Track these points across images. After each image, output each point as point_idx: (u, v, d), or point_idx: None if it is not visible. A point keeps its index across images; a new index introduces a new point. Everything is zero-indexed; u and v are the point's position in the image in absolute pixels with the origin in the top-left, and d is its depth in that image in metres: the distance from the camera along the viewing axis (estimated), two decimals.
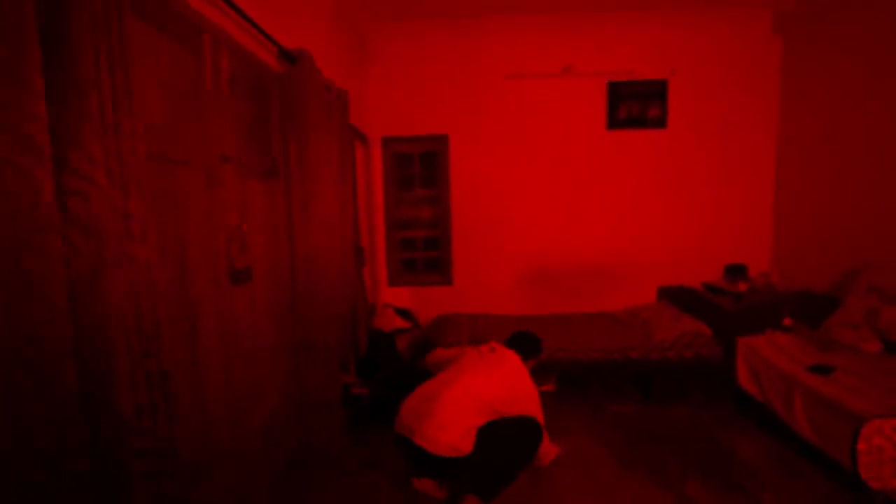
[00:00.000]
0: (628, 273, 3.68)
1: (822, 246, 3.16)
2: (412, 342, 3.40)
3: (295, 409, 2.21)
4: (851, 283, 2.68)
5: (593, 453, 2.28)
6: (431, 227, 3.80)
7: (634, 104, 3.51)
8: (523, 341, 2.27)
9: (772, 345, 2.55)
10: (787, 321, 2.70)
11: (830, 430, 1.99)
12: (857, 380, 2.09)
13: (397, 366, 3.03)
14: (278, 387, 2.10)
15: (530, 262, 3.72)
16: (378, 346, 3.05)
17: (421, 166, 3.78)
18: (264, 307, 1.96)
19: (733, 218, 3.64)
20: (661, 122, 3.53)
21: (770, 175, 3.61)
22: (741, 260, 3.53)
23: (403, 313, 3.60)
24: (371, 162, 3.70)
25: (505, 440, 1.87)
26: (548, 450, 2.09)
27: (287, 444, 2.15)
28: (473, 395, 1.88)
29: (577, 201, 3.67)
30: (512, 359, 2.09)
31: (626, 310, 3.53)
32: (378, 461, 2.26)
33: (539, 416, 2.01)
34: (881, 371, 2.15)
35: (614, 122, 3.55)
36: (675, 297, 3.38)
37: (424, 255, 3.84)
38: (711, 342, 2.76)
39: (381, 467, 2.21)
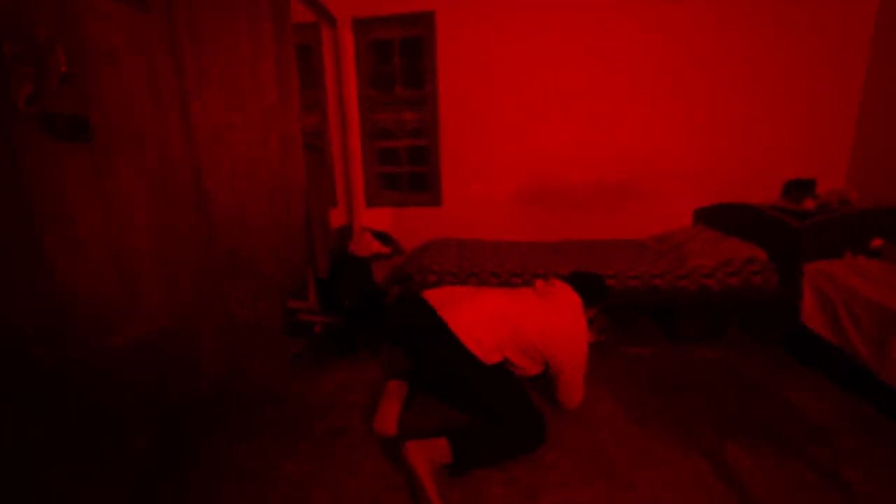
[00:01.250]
0: (658, 190, 2.96)
1: None
2: (393, 271, 2.88)
3: (217, 333, 1.73)
4: None
5: (604, 407, 1.75)
6: (416, 135, 3.12)
7: None
8: (586, 283, 1.77)
9: (855, 271, 1.88)
10: (876, 242, 2.00)
11: None
12: None
13: (367, 293, 2.51)
14: (176, 304, 1.59)
15: (535, 177, 3.03)
16: (344, 271, 2.53)
17: (402, 57, 3.03)
18: (136, 188, 1.39)
19: (798, 120, 2.80)
20: None
21: (860, 60, 2.70)
22: (808, 175, 2.75)
23: (382, 237, 3.04)
24: (342, 52, 2.98)
25: (510, 416, 1.48)
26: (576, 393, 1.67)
27: (210, 374, 1.68)
28: (513, 318, 1.57)
29: (593, 96, 2.89)
30: (572, 300, 1.65)
31: (655, 236, 2.87)
32: (324, 404, 1.79)
33: (583, 368, 1.63)
34: None
35: None
36: (717, 218, 2.68)
37: (409, 170, 3.20)
38: (767, 268, 2.10)
39: (322, 415, 1.73)
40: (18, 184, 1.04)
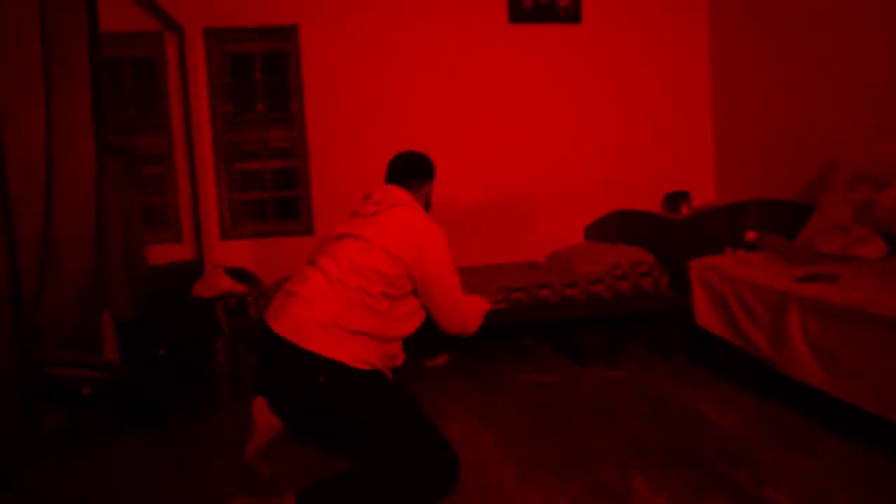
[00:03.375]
0: (550, 210, 2.83)
1: (775, 162, 2.49)
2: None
3: None
4: (826, 181, 1.98)
5: (481, 451, 1.31)
6: (284, 156, 2.73)
7: None
8: (405, 167, 1.44)
9: (737, 263, 1.76)
10: (750, 235, 1.94)
11: (851, 356, 1.18)
12: (877, 281, 1.31)
13: (192, 340, 1.91)
14: None
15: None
16: (159, 314, 1.91)
17: (265, 73, 2.73)
18: None
19: (669, 140, 2.92)
20: (574, 16, 2.76)
21: (706, 85, 2.95)
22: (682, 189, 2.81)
23: (239, 274, 2.48)
24: (191, 65, 2.59)
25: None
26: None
27: None
28: (351, 262, 1.18)
29: (478, 116, 2.79)
30: (401, 213, 1.28)
31: (549, 255, 2.67)
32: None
33: (447, 261, 1.28)
34: None
35: (518, 14, 2.72)
36: (606, 230, 2.56)
37: (275, 195, 2.75)
38: (656, 269, 1.92)
39: None
40: None
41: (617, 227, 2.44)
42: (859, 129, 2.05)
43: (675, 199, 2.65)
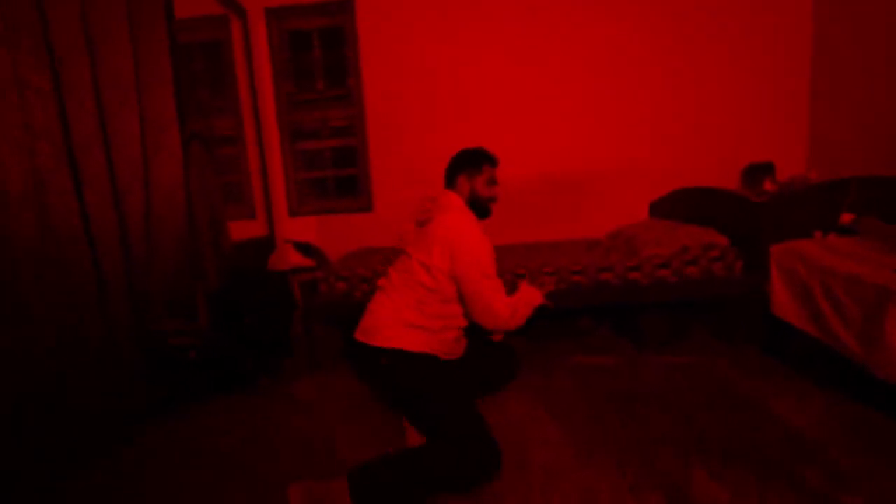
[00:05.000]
0: (612, 187, 2.70)
1: (880, 135, 2.17)
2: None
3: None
4: None
5: (541, 432, 1.37)
6: (343, 134, 2.81)
7: None
8: (449, 168, 1.54)
9: (829, 250, 1.60)
10: (845, 217, 1.75)
11: None
12: None
13: (275, 312, 2.10)
14: None
15: None
16: (245, 286, 2.12)
17: (323, 49, 2.76)
18: None
19: (753, 107, 2.63)
20: None
21: (806, 46, 2.57)
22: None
23: (306, 248, 2.66)
24: (254, 45, 2.69)
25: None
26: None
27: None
28: (402, 273, 1.43)
29: (540, 92, 2.66)
30: (443, 221, 1.39)
31: (609, 234, 2.58)
32: (180, 450, 1.34)
33: (480, 287, 1.36)
34: None
35: None
36: (673, 208, 2.41)
37: (336, 174, 2.86)
38: (729, 253, 1.81)
39: (176, 465, 1.29)
40: None
41: (686, 204, 2.29)
42: None
43: (757, 171, 2.42)
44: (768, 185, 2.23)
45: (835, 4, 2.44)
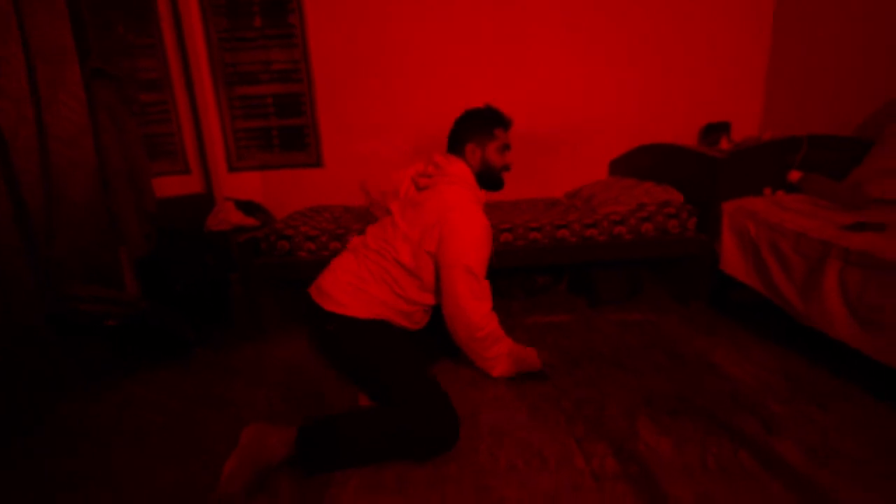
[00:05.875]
0: (576, 145, 2.63)
1: (833, 95, 2.18)
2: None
3: None
4: (884, 119, 1.75)
5: (489, 390, 1.34)
6: (287, 79, 2.54)
7: None
8: (457, 130, 1.36)
9: (777, 207, 1.62)
10: (794, 174, 1.77)
11: (892, 313, 1.12)
12: None
13: (210, 275, 1.93)
14: None
15: (438, 132, 2.57)
16: (175, 249, 1.92)
17: None
18: None
19: (711, 68, 2.57)
20: None
21: (768, 7, 2.50)
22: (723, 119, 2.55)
23: (249, 207, 2.45)
24: None
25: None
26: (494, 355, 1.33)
27: None
28: (379, 238, 1.31)
29: (502, 43, 2.49)
30: (442, 195, 1.26)
31: (569, 193, 2.54)
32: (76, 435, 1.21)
33: (460, 278, 1.22)
34: None
35: None
36: (633, 164, 2.39)
37: (280, 124, 2.61)
38: (684, 211, 1.81)
39: (65, 454, 1.16)
40: None
41: (645, 162, 2.26)
42: None
43: (714, 130, 2.42)
44: (724, 144, 2.24)
45: None
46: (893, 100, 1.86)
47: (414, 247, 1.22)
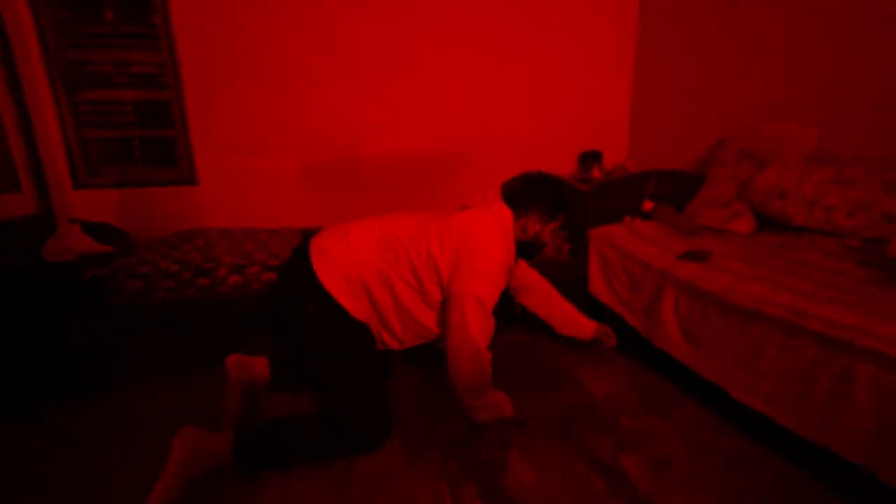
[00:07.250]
0: (471, 167, 2.71)
1: (682, 132, 2.55)
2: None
3: None
4: (717, 155, 2.08)
5: None
6: (149, 84, 2.23)
7: None
8: (525, 191, 1.40)
9: (632, 234, 1.83)
10: (647, 204, 2.02)
11: (707, 334, 1.31)
12: (743, 263, 1.42)
13: (41, 318, 1.61)
14: None
15: (329, 148, 2.47)
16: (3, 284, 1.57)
17: None
18: None
19: (590, 99, 2.84)
20: None
21: (630, 47, 2.84)
22: (599, 148, 2.82)
23: (102, 230, 2.11)
24: None
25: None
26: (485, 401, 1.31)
27: None
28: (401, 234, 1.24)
29: (399, 60, 2.48)
30: (473, 219, 1.28)
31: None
32: None
33: (489, 281, 1.22)
34: (764, 251, 1.53)
35: None
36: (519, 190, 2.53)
37: (143, 134, 2.28)
38: (557, 237, 1.95)
39: None
40: None
41: (527, 187, 2.41)
42: (751, 107, 2.13)
43: (589, 158, 2.67)
44: (596, 172, 2.48)
45: (656, 14, 2.73)
46: (722, 139, 2.22)
47: (429, 255, 1.21)
